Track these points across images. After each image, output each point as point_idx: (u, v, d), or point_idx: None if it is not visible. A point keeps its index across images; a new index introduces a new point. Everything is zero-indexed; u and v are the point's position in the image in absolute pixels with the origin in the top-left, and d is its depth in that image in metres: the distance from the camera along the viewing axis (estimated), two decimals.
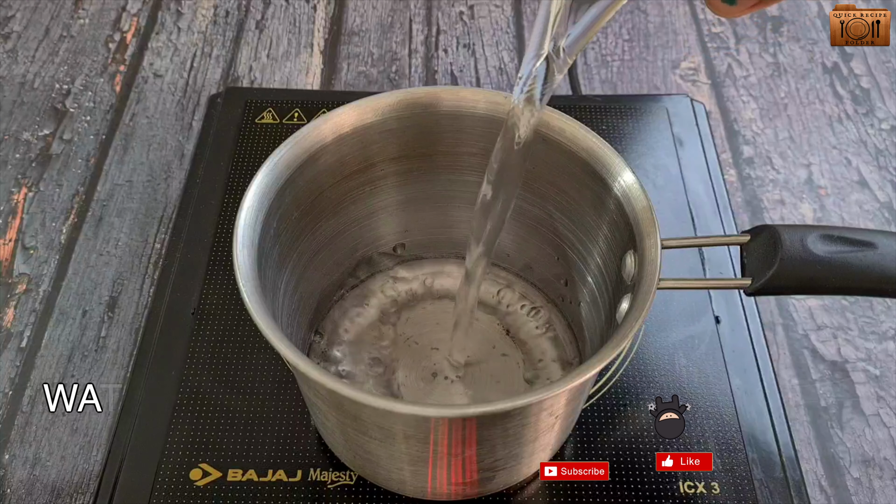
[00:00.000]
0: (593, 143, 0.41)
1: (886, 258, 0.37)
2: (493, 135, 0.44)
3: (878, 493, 0.47)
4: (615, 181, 0.40)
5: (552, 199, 0.45)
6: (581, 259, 0.46)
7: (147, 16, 0.75)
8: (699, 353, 0.48)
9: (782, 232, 0.38)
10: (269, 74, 0.70)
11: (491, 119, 0.43)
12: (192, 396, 0.46)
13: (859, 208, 0.61)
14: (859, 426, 0.50)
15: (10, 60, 0.70)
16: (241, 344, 0.48)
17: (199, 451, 0.44)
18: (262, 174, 0.40)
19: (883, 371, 0.52)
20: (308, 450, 0.44)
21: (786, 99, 0.69)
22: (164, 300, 0.50)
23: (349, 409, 0.37)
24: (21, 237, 0.58)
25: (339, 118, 0.42)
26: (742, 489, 0.43)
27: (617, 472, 0.44)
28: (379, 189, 0.47)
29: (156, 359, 0.48)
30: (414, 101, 0.44)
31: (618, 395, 0.47)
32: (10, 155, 0.63)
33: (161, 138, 0.65)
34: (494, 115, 0.43)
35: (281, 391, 0.46)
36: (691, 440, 0.45)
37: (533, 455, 0.41)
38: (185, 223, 0.54)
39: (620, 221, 0.40)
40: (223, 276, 0.51)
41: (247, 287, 0.36)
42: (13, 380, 0.51)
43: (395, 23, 0.75)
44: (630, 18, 0.76)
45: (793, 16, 0.76)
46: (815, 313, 0.55)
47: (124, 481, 0.43)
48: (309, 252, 0.46)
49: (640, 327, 0.35)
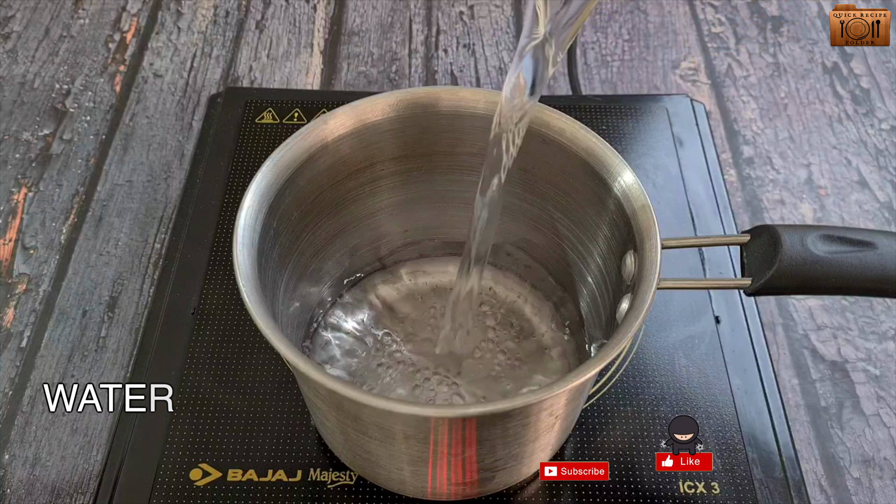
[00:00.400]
0: (593, 143, 0.41)
1: (886, 258, 0.37)
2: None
3: (879, 493, 0.47)
4: (615, 181, 0.40)
5: (552, 199, 0.45)
6: (581, 259, 0.46)
7: (147, 16, 0.75)
8: (699, 353, 0.48)
9: (782, 232, 0.38)
10: (269, 74, 0.70)
11: (491, 118, 0.43)
12: (191, 396, 0.46)
13: (859, 208, 0.61)
14: (859, 426, 0.50)
15: (10, 60, 0.70)
16: (241, 344, 0.48)
17: (199, 451, 0.44)
18: (261, 174, 0.40)
19: (883, 371, 0.52)
20: (308, 450, 0.44)
21: (786, 99, 0.69)
22: (164, 300, 0.50)
23: (349, 409, 0.37)
24: (21, 237, 0.58)
25: (339, 118, 0.42)
26: (742, 489, 0.43)
27: (617, 472, 0.44)
28: (379, 189, 0.47)
29: (156, 359, 0.48)
30: (414, 101, 0.44)
31: (618, 395, 0.47)
32: (10, 155, 0.63)
33: (161, 138, 0.65)
34: (494, 114, 0.43)
35: (281, 391, 0.46)
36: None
37: (533, 455, 0.41)
38: (186, 223, 0.54)
39: (620, 221, 0.40)
40: (223, 275, 0.51)
41: (247, 287, 0.36)
42: (13, 380, 0.51)
43: (395, 23, 0.75)
44: (630, 18, 0.76)
45: (793, 16, 0.76)
46: (816, 313, 0.55)
47: (124, 481, 0.43)
48: (309, 252, 0.46)
49: (640, 327, 0.35)
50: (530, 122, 0.41)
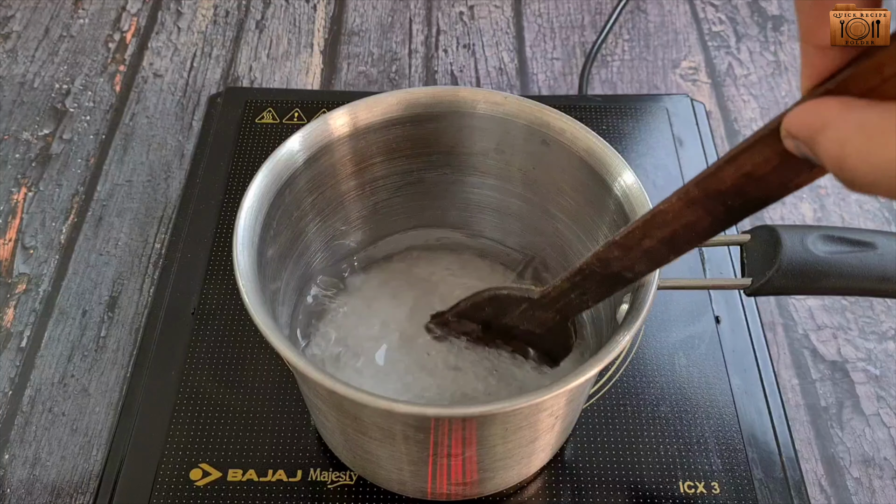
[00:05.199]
0: (594, 144, 0.41)
1: (886, 258, 0.37)
2: (492, 135, 0.44)
3: (879, 493, 0.47)
4: (615, 181, 0.40)
5: (552, 199, 0.45)
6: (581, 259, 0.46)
7: (147, 16, 0.75)
8: (699, 353, 0.48)
9: (782, 232, 0.38)
10: (269, 74, 0.70)
11: (491, 118, 0.43)
12: (191, 396, 0.46)
13: (859, 208, 0.61)
14: (859, 426, 0.50)
15: (10, 60, 0.70)
16: (240, 344, 0.48)
17: (198, 451, 0.44)
18: (261, 175, 0.39)
19: (883, 371, 0.52)
20: (308, 450, 0.44)
21: (786, 98, 0.69)
22: (163, 300, 0.50)
23: (349, 408, 0.37)
24: (21, 237, 0.58)
25: (339, 118, 0.42)
26: (742, 489, 0.43)
27: (617, 471, 0.44)
28: (379, 189, 0.47)
29: (156, 359, 0.48)
30: (414, 101, 0.43)
31: (618, 395, 0.47)
32: (9, 155, 0.63)
33: (161, 138, 0.65)
34: (494, 114, 0.43)
35: (281, 391, 0.46)
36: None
37: (533, 455, 0.41)
38: (185, 223, 0.54)
39: (620, 221, 0.40)
40: (223, 276, 0.51)
41: (247, 287, 0.35)
42: (13, 379, 0.51)
43: (395, 23, 0.75)
44: (630, 18, 0.76)
45: (793, 15, 0.76)
46: (816, 313, 0.55)
47: (124, 481, 0.43)
48: (308, 252, 0.46)
49: (640, 327, 0.35)
50: (531, 122, 0.42)
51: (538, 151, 0.43)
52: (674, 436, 0.45)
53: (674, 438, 0.45)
